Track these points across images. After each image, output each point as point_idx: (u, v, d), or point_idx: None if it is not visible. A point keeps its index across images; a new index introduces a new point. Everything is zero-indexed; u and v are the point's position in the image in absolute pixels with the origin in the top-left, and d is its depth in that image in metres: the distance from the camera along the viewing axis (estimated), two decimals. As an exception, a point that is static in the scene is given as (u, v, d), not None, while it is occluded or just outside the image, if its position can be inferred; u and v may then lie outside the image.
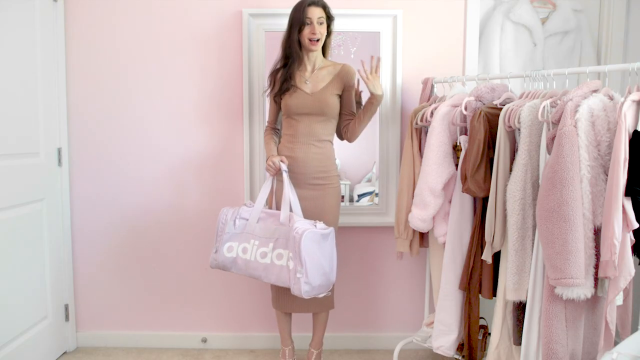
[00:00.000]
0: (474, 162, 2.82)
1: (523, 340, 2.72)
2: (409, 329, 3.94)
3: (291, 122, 3.33)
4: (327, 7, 3.25)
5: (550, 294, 2.49)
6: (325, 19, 3.23)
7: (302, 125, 3.29)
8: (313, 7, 3.18)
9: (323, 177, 3.34)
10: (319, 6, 3.20)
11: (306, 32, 3.20)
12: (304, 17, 3.18)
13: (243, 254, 3.17)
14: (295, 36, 3.23)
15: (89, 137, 3.83)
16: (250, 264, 3.15)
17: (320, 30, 3.20)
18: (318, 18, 3.18)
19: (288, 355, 3.52)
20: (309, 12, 3.17)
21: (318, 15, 3.18)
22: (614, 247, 2.27)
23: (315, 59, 3.34)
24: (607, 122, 2.40)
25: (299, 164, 3.29)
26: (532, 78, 2.90)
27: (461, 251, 3.07)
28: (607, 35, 3.89)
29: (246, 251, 3.17)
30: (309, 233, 2.94)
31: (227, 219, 3.24)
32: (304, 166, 3.30)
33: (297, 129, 3.30)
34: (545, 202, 2.43)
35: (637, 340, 1.89)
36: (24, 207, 3.37)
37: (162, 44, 3.77)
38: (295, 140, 3.31)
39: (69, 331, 3.90)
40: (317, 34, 3.18)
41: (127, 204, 3.88)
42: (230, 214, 3.25)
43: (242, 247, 3.19)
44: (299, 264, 2.92)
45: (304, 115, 3.27)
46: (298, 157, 3.29)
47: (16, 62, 3.29)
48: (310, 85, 3.30)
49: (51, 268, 3.67)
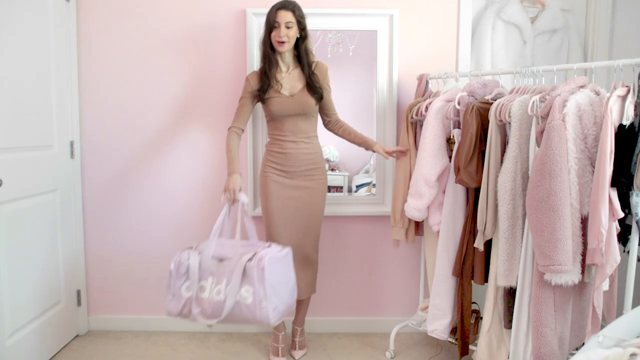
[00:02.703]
0: (467, 155, 2.82)
1: (513, 324, 2.73)
2: (404, 313, 3.93)
3: (276, 123, 3.32)
4: (297, 11, 3.20)
5: (539, 280, 2.49)
6: (295, 23, 3.18)
7: (287, 125, 3.29)
8: (282, 11, 3.14)
9: (313, 169, 3.37)
10: (288, 10, 3.15)
11: (274, 34, 3.17)
12: (272, 20, 3.16)
13: (201, 293, 2.81)
14: (267, 38, 3.22)
15: (100, 130, 3.81)
16: (208, 303, 2.78)
17: (287, 33, 3.15)
18: (286, 22, 3.14)
19: (281, 340, 3.53)
20: (278, 15, 3.14)
21: (286, 19, 3.14)
22: (601, 236, 2.28)
23: (290, 60, 3.32)
24: (593, 116, 2.40)
25: (290, 159, 3.31)
26: (522, 74, 2.90)
27: (454, 239, 3.07)
28: (593, 34, 3.88)
29: (204, 290, 2.82)
30: (270, 259, 2.72)
31: (179, 262, 2.88)
32: (295, 161, 3.32)
33: (283, 129, 3.30)
34: (534, 192, 2.43)
35: (623, 324, 1.89)
36: (38, 197, 3.36)
37: (169, 41, 3.75)
38: (284, 139, 3.31)
39: (81, 315, 3.90)
40: (282, 37, 3.14)
41: (136, 194, 3.87)
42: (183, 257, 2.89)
43: (200, 285, 2.83)
44: (263, 292, 2.67)
45: (288, 116, 3.27)
46: (289, 153, 3.31)
47: (31, 60, 3.27)
48: (288, 86, 3.28)
49: (64, 255, 3.66)
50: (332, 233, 3.87)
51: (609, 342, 1.73)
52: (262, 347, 3.69)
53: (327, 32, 3.76)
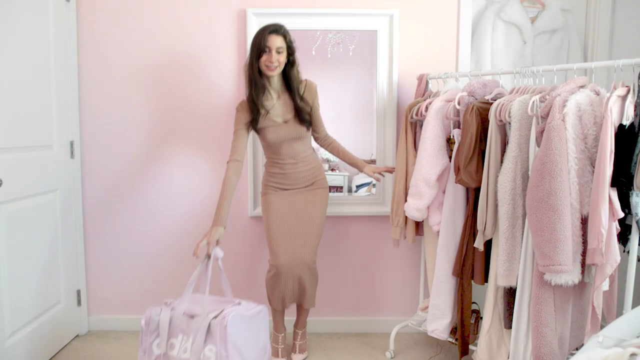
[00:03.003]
0: (467, 155, 2.81)
1: (513, 324, 2.73)
2: (404, 313, 3.94)
3: (273, 148, 3.32)
4: (287, 36, 3.16)
5: (539, 280, 2.49)
6: (285, 48, 3.13)
7: (284, 149, 3.30)
8: (274, 35, 3.08)
9: (313, 182, 3.42)
10: (279, 35, 3.10)
11: (263, 59, 3.10)
12: (263, 44, 3.07)
13: (170, 350, 2.67)
14: (255, 62, 3.13)
15: (100, 130, 3.81)
16: None
17: (278, 58, 3.10)
18: (277, 47, 3.08)
19: (281, 341, 3.52)
20: (269, 40, 3.07)
21: (277, 44, 3.08)
22: (601, 236, 2.28)
23: (278, 85, 3.26)
24: (593, 116, 2.40)
25: (290, 178, 3.36)
26: (522, 74, 2.90)
27: (454, 239, 3.07)
28: (593, 34, 3.88)
29: (173, 347, 2.68)
30: (234, 318, 2.60)
31: (150, 318, 2.74)
32: (295, 179, 3.37)
33: (280, 153, 3.32)
34: (534, 192, 2.43)
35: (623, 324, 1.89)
36: (38, 197, 3.36)
37: (169, 40, 3.74)
38: (283, 162, 3.33)
39: (81, 315, 3.90)
40: (273, 62, 3.08)
41: (136, 193, 3.87)
42: (154, 313, 2.75)
43: (169, 342, 2.69)
44: (225, 352, 2.56)
45: (284, 142, 3.27)
46: (289, 173, 3.35)
47: (31, 60, 3.27)
48: (280, 113, 3.25)
49: (64, 255, 3.66)
50: (332, 233, 3.87)
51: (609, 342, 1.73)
52: (262, 347, 3.69)
53: (327, 32, 3.76)
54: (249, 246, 3.90)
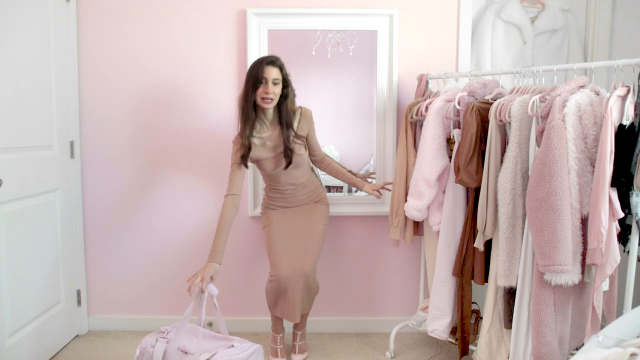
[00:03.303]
0: (467, 155, 2.81)
1: (513, 324, 2.73)
2: (404, 313, 3.94)
3: (271, 177, 3.34)
4: (283, 69, 3.15)
5: (539, 280, 2.49)
6: (280, 80, 3.13)
7: (282, 177, 3.32)
8: (270, 67, 3.07)
9: (314, 200, 3.47)
10: (276, 66, 3.10)
11: (260, 91, 3.08)
12: (260, 76, 3.06)
13: None
14: (250, 94, 3.10)
15: (100, 130, 3.81)
16: None
17: (274, 90, 3.09)
18: (273, 79, 3.07)
19: (279, 342, 3.52)
20: (266, 71, 3.06)
21: (274, 76, 3.08)
22: (601, 236, 2.27)
23: (273, 117, 3.24)
24: (593, 116, 2.40)
25: (290, 201, 3.41)
26: (522, 74, 2.90)
27: (454, 239, 3.07)
28: (593, 34, 3.87)
29: None
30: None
31: (144, 350, 2.77)
32: (295, 201, 3.42)
33: (279, 181, 3.34)
34: (534, 192, 2.43)
35: (623, 324, 1.88)
36: (38, 197, 3.36)
37: (169, 41, 3.75)
38: (282, 188, 3.36)
39: (81, 315, 3.90)
40: (270, 93, 3.07)
41: (136, 193, 3.87)
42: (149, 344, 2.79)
43: None
44: None
45: (282, 171, 3.28)
46: (289, 198, 3.40)
47: (31, 60, 3.27)
48: (276, 145, 3.24)
49: (64, 255, 3.66)
50: (332, 233, 3.86)
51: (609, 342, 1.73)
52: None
53: (327, 32, 3.75)
54: (249, 246, 3.90)
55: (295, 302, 3.24)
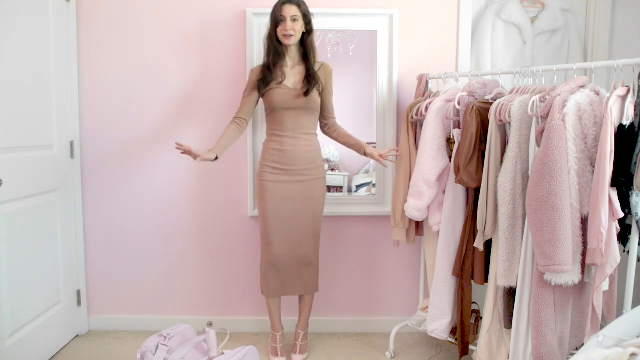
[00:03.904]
0: (467, 155, 2.81)
1: (513, 324, 2.73)
2: (404, 313, 3.93)
3: (277, 116, 3.30)
4: (302, 5, 3.23)
5: (539, 280, 2.49)
6: (300, 17, 3.20)
7: (288, 119, 3.28)
8: (287, 5, 3.17)
9: (312, 169, 3.36)
10: (293, 4, 3.18)
11: (280, 29, 3.19)
12: (279, 14, 3.18)
13: None
14: (273, 32, 3.23)
15: (100, 130, 3.81)
16: None
17: (294, 26, 3.18)
18: (292, 16, 3.16)
19: (279, 340, 3.52)
20: (283, 10, 3.16)
21: (292, 13, 3.16)
22: (601, 236, 2.27)
23: (296, 55, 3.32)
24: (593, 116, 2.40)
25: (288, 157, 3.30)
26: (522, 74, 2.90)
27: (454, 239, 3.07)
28: (593, 34, 3.88)
29: None
30: None
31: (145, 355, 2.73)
32: (293, 159, 3.30)
33: (283, 124, 3.29)
34: (534, 192, 2.43)
35: (623, 324, 1.88)
36: (38, 197, 3.36)
37: (169, 41, 3.75)
38: (283, 135, 3.30)
39: (81, 315, 3.90)
40: (288, 30, 3.16)
41: (135, 194, 3.87)
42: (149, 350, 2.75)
43: None
44: None
45: (290, 109, 3.26)
46: (287, 150, 3.29)
47: (31, 60, 3.27)
48: (292, 80, 3.29)
49: (64, 255, 3.66)
50: (332, 233, 3.87)
51: (609, 342, 1.73)
52: (261, 347, 3.68)
53: (327, 32, 3.76)
54: (249, 246, 3.89)
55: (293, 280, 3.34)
